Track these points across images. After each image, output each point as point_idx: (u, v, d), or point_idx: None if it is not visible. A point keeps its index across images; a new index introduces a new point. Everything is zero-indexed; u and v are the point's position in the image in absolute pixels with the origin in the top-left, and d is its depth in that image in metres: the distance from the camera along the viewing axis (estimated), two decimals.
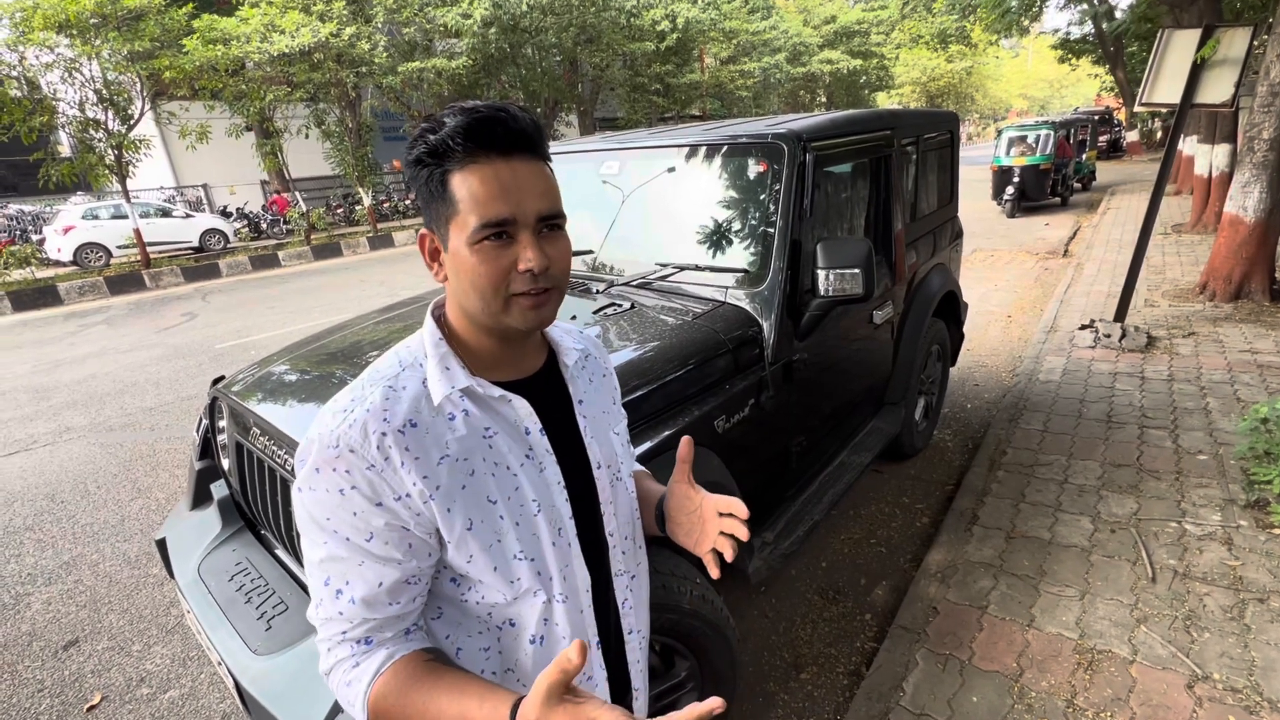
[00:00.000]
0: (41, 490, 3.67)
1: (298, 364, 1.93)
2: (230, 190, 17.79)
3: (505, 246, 0.68)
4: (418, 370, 0.73)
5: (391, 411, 0.69)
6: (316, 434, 0.69)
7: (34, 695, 2.21)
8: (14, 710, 2.15)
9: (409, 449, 0.68)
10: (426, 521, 0.70)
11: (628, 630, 0.90)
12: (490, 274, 0.68)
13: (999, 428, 3.39)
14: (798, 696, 1.99)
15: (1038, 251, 8.27)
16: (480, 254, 0.67)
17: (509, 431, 0.75)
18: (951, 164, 3.43)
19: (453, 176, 0.67)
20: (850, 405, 2.60)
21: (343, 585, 0.69)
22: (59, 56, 9.61)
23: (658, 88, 18.05)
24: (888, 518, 2.85)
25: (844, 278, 1.89)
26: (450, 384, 0.72)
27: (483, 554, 0.73)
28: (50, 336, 7.67)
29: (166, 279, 10.97)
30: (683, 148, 2.25)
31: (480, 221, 0.66)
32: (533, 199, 0.68)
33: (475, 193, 0.66)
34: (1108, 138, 21.01)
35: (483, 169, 0.66)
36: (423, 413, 0.71)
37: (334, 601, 0.70)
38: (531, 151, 0.70)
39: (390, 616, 0.71)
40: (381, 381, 0.72)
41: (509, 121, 0.67)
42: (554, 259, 0.70)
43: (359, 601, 0.69)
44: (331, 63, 11.74)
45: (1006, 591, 2.19)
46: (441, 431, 0.71)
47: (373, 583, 0.69)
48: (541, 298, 0.70)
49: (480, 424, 0.74)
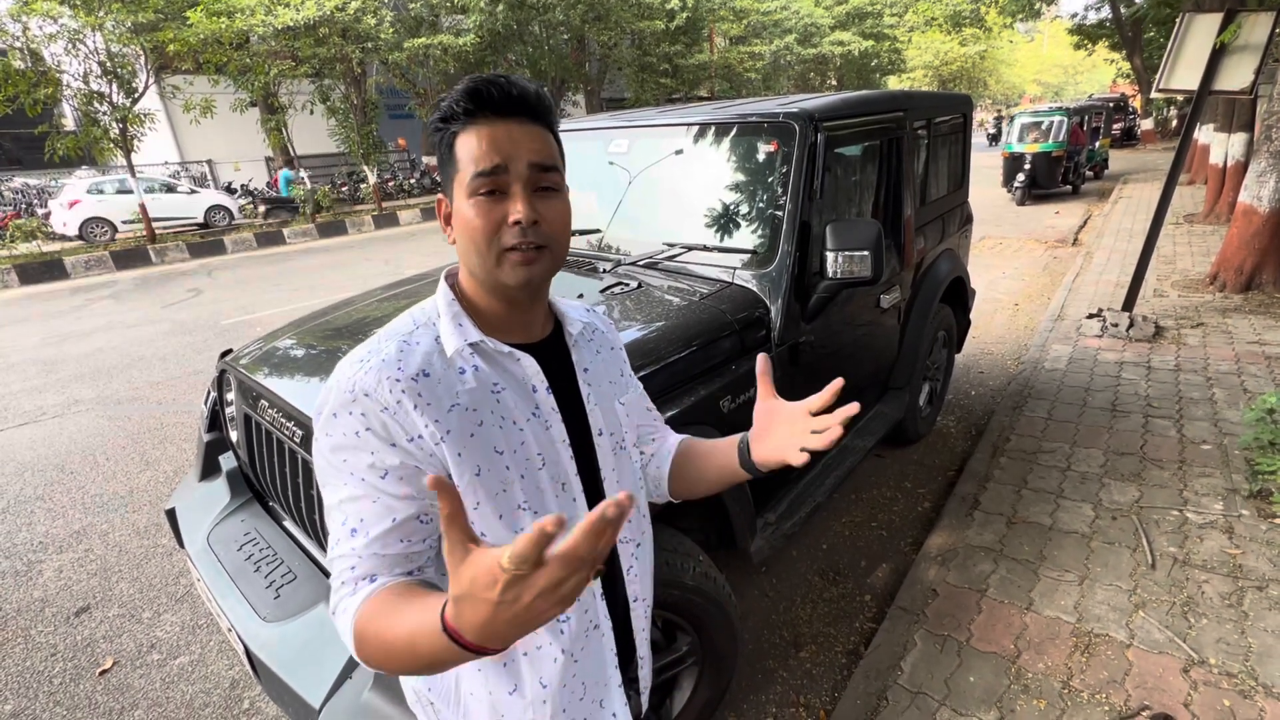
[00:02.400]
0: (51, 461, 3.71)
1: (304, 338, 1.94)
2: (235, 166, 17.70)
3: (498, 200, 0.71)
4: (431, 328, 0.76)
5: (405, 362, 0.71)
6: (334, 382, 0.72)
7: (47, 659, 2.26)
8: (28, 673, 2.20)
9: (421, 395, 0.71)
10: (439, 462, 0.72)
11: (633, 598, 0.91)
12: (484, 227, 0.70)
13: (1003, 415, 3.39)
14: (796, 674, 2.01)
15: (1047, 240, 8.20)
16: (476, 207, 0.70)
17: (516, 388, 0.77)
18: (963, 148, 3.38)
19: (458, 138, 0.71)
20: (855, 389, 2.59)
21: (357, 524, 0.70)
22: (62, 28, 9.52)
23: (666, 68, 17.81)
24: (889, 501, 2.87)
25: (853, 260, 1.88)
26: (463, 338, 0.74)
27: (489, 501, 0.74)
28: (57, 310, 7.70)
29: (172, 254, 10.97)
30: (692, 126, 2.22)
31: (474, 171, 0.69)
32: (525, 151, 0.71)
33: (472, 148, 0.70)
34: (1122, 125, 20.67)
35: (480, 128, 0.70)
36: (435, 365, 0.73)
37: (349, 539, 0.71)
38: (531, 116, 0.72)
39: (399, 554, 0.71)
40: (396, 337, 0.74)
41: (506, 86, 0.71)
42: (546, 217, 0.72)
43: (372, 537, 0.70)
44: (337, 37, 11.60)
45: (1006, 575, 2.21)
46: (452, 382, 0.73)
47: (386, 518, 0.70)
48: (531, 254, 0.72)
49: (489, 379, 0.76)
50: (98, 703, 2.06)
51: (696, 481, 0.98)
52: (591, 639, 0.84)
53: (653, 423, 1.02)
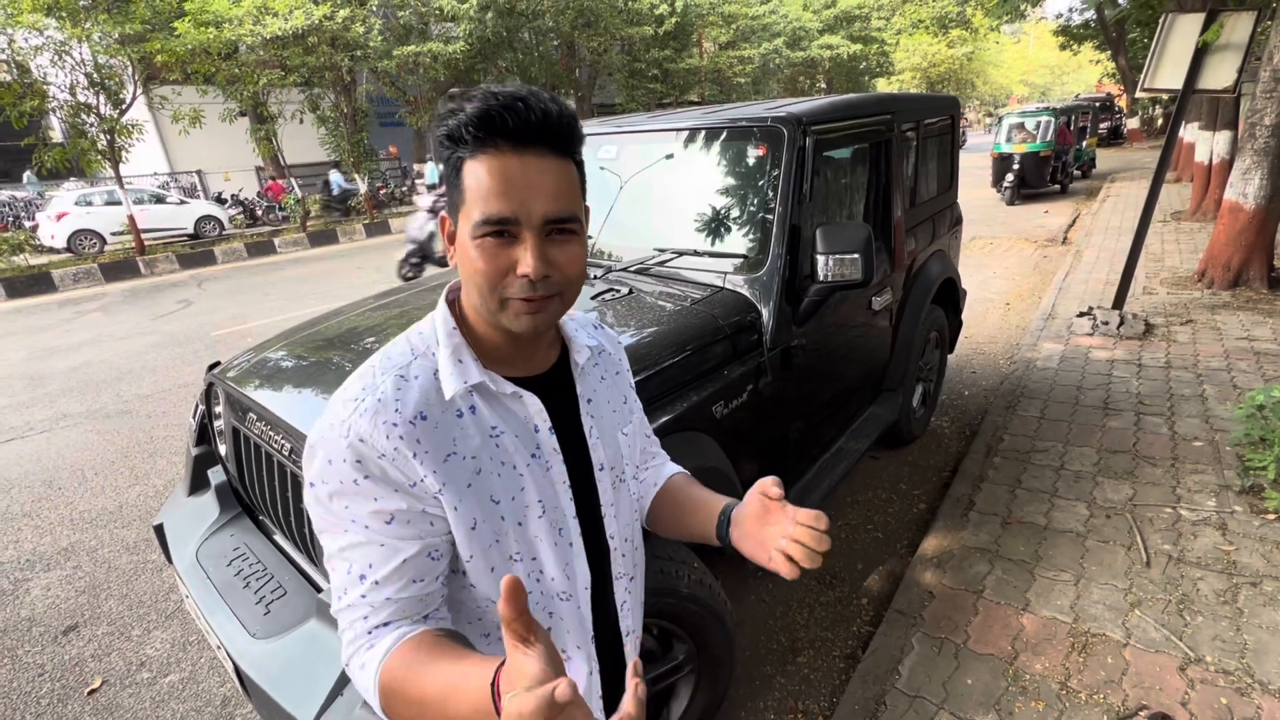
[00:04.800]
0: (39, 477, 3.66)
1: (294, 350, 1.92)
2: (225, 176, 17.61)
3: (506, 246, 0.64)
4: (429, 359, 0.71)
5: (403, 402, 0.67)
6: (327, 425, 0.68)
7: (35, 679, 2.22)
8: (15, 694, 2.16)
9: (420, 441, 0.67)
10: (439, 511, 0.70)
11: (625, 631, 0.90)
12: (488, 272, 0.65)
13: (996, 414, 3.40)
14: (794, 679, 2.00)
15: (1037, 239, 8.25)
16: (480, 249, 0.64)
17: (517, 429, 0.74)
18: (952, 149, 3.40)
19: (464, 165, 0.64)
20: (848, 391, 2.60)
21: (365, 569, 0.67)
22: (48, 39, 9.46)
23: (656, 73, 17.88)
24: (884, 504, 2.87)
25: (843, 263, 1.88)
26: (462, 379, 0.70)
27: (481, 555, 0.72)
28: (45, 324, 7.62)
29: (162, 266, 10.89)
30: (681, 131, 2.22)
31: (481, 217, 0.63)
32: (541, 199, 0.64)
33: (480, 185, 0.63)
34: (1108, 125, 20.90)
35: (491, 161, 0.63)
36: (432, 405, 0.69)
37: (357, 585, 0.68)
38: (551, 146, 0.65)
39: (413, 597, 0.69)
40: (393, 370, 0.70)
41: (524, 112, 0.62)
42: (558, 265, 0.66)
43: (383, 581, 0.67)
44: (326, 46, 11.58)
45: (1002, 576, 2.20)
46: (449, 427, 0.70)
47: (395, 560, 0.67)
48: (538, 304, 0.66)
49: (487, 423, 0.72)
50: None
51: (671, 526, 0.94)
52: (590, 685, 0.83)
53: (650, 448, 0.99)
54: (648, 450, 0.99)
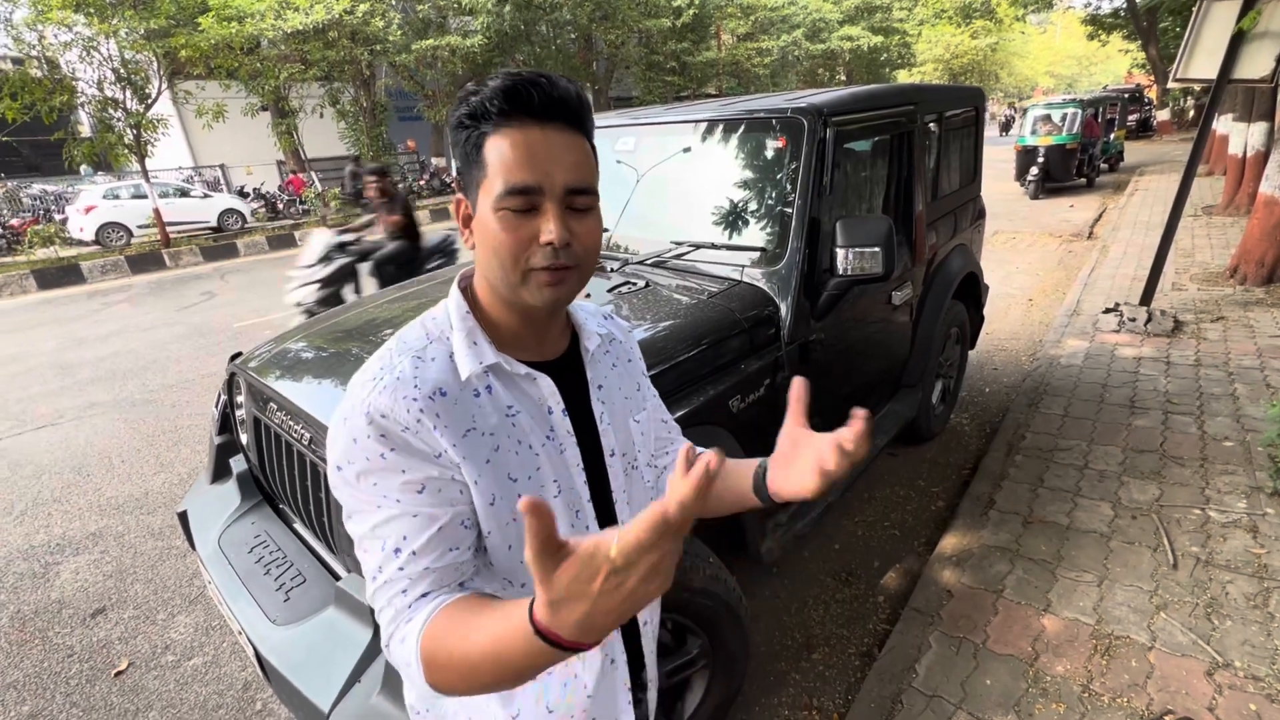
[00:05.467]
0: (68, 463, 3.76)
1: (313, 340, 1.94)
2: (247, 170, 17.85)
3: (529, 217, 0.66)
4: (444, 344, 0.72)
5: (421, 378, 0.68)
6: (348, 405, 0.68)
7: (64, 660, 2.28)
8: (46, 674, 2.22)
9: (440, 415, 0.67)
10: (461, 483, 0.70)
11: (642, 622, 0.89)
12: (510, 243, 0.66)
13: (1018, 412, 3.34)
14: (809, 676, 1.99)
15: (1061, 234, 8.08)
16: (503, 221, 0.66)
17: (531, 410, 0.74)
18: (975, 142, 3.33)
19: (487, 140, 0.66)
20: (867, 387, 2.56)
21: (400, 541, 0.66)
22: (76, 35, 9.64)
23: (673, 66, 17.77)
24: (902, 501, 2.83)
25: (863, 256, 1.85)
26: (478, 359, 0.71)
27: (499, 531, 0.72)
28: (74, 314, 7.80)
29: (186, 258, 11.09)
30: (700, 123, 2.20)
31: (505, 187, 0.64)
32: (562, 169, 0.66)
33: (504, 156, 0.64)
34: (1137, 116, 20.36)
35: (515, 133, 0.65)
36: (450, 384, 0.70)
37: (393, 560, 0.66)
38: (570, 122, 0.67)
39: (450, 565, 0.68)
40: (409, 351, 0.71)
41: (548, 87, 0.65)
42: (578, 236, 0.68)
43: (420, 551, 0.66)
44: (346, 41, 11.68)
45: (1023, 576, 2.17)
46: (468, 404, 0.70)
47: (430, 527, 0.67)
48: (559, 274, 0.67)
49: (503, 402, 0.73)
50: (113, 704, 2.08)
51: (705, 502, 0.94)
52: (607, 674, 0.82)
53: (667, 434, 0.99)
54: (664, 438, 0.98)
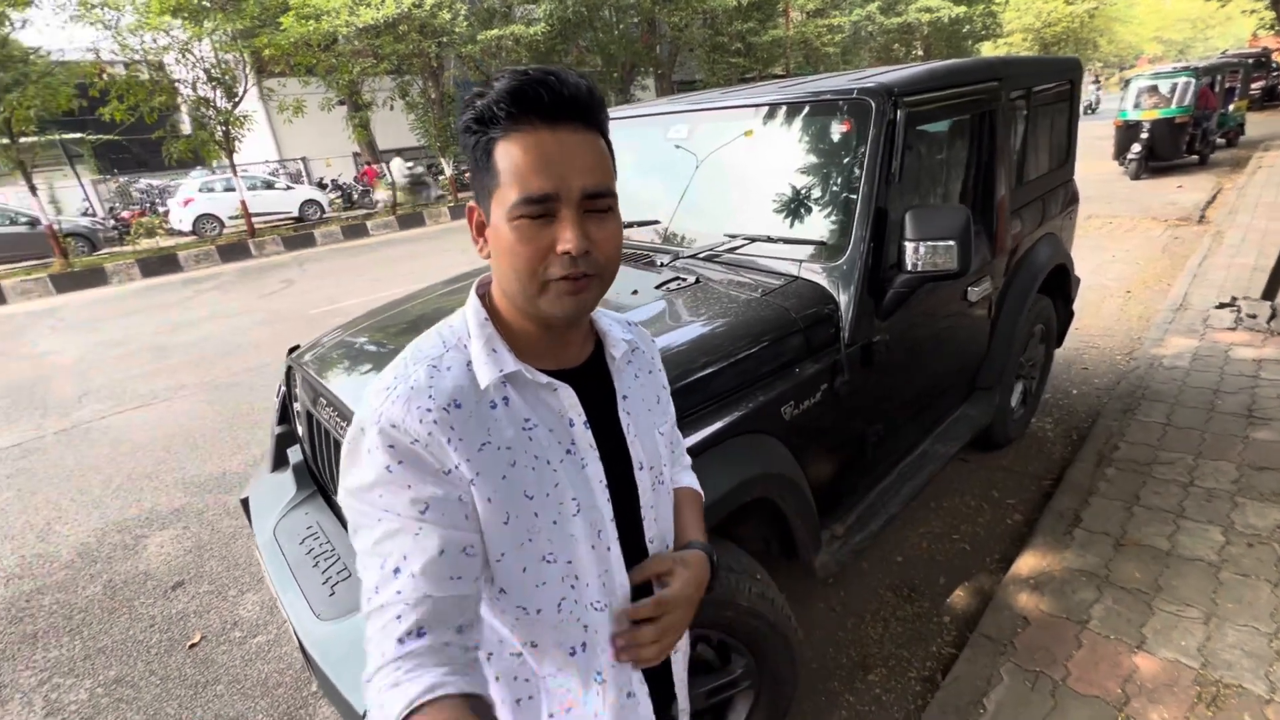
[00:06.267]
0: (159, 442, 4.05)
1: (364, 335, 1.96)
2: (326, 163, 18.76)
3: (545, 225, 0.62)
4: (461, 351, 0.69)
5: (436, 389, 0.65)
6: (362, 415, 0.66)
7: (147, 630, 2.45)
8: (131, 642, 2.39)
9: (454, 428, 0.64)
10: (470, 503, 0.66)
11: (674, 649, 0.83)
12: (527, 254, 0.62)
13: (1110, 418, 3.03)
14: (864, 699, 1.87)
15: (1166, 217, 7.32)
16: (518, 231, 0.62)
17: (551, 423, 0.70)
18: (1069, 119, 3.02)
19: (497, 145, 0.62)
20: (936, 391, 2.37)
21: (401, 561, 0.63)
22: (173, 39, 10.34)
23: (738, 47, 17.25)
24: (974, 512, 2.63)
25: (936, 251, 1.69)
26: (498, 368, 0.67)
27: (513, 553, 0.68)
28: (170, 301, 8.44)
29: (269, 248, 11.78)
30: (758, 107, 2.07)
31: (519, 196, 0.61)
32: (578, 173, 0.62)
33: (517, 163, 0.61)
34: (1263, 84, 18.17)
35: (526, 137, 0.61)
36: (467, 395, 0.67)
37: (391, 581, 0.62)
38: (583, 120, 0.63)
39: (449, 596, 0.63)
40: (425, 360, 0.68)
41: (557, 86, 0.61)
42: (598, 242, 0.64)
43: (419, 574, 0.62)
44: (415, 34, 11.99)
45: (1112, 606, 1.95)
46: (484, 417, 0.67)
47: (433, 550, 0.63)
48: (580, 283, 0.64)
49: (520, 414, 0.68)
50: (186, 675, 2.21)
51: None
52: (627, 708, 0.77)
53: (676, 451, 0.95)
54: (676, 452, 0.95)
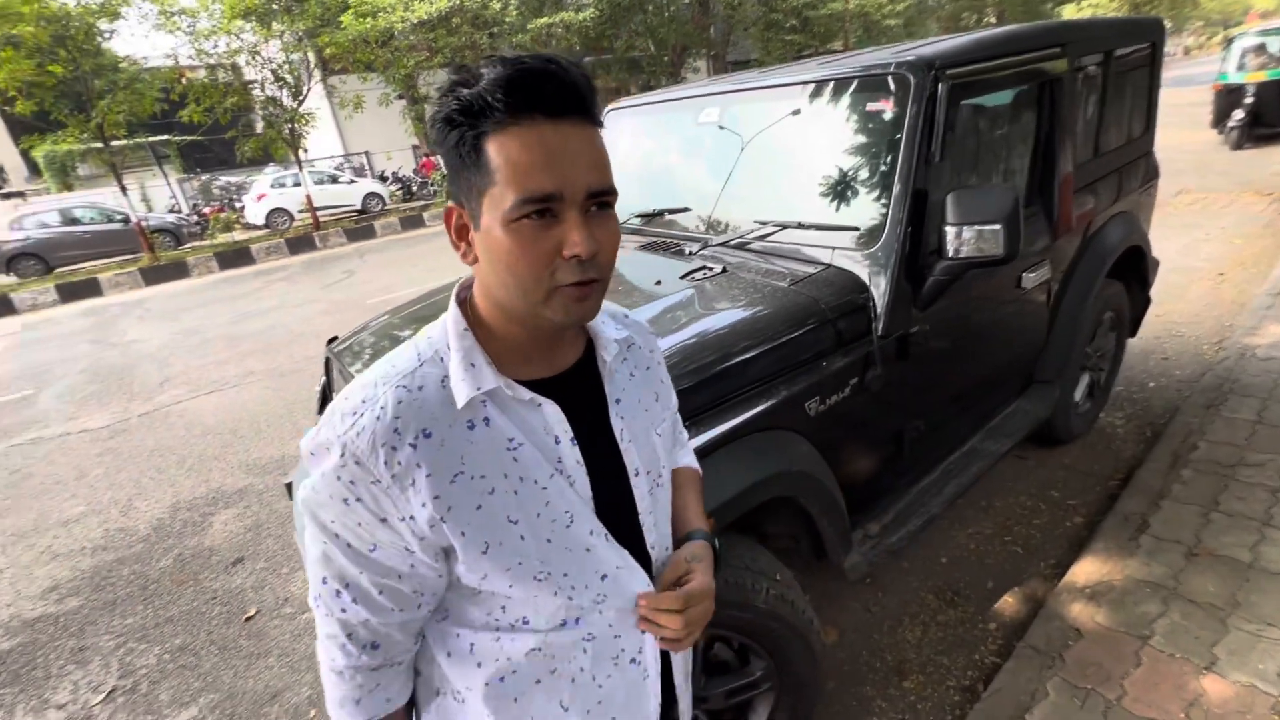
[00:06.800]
0: (227, 425, 4.31)
1: (400, 326, 2.00)
2: (387, 156, 19.42)
3: (548, 227, 0.57)
4: (438, 365, 0.65)
5: (404, 420, 0.61)
6: (324, 437, 0.63)
7: (209, 602, 2.62)
8: (195, 614, 2.56)
9: (420, 465, 0.61)
10: (431, 545, 0.65)
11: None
12: (531, 260, 0.57)
13: (1190, 414, 2.77)
14: (898, 705, 1.79)
15: (1271, 191, 6.62)
16: (518, 235, 0.57)
17: (536, 441, 0.67)
18: (1149, 86, 2.74)
19: (489, 140, 0.56)
20: (986, 385, 2.23)
21: (341, 587, 0.67)
22: (243, 42, 10.90)
23: (794, 23, 16.66)
24: (1029, 513, 2.46)
25: (981, 235, 1.56)
26: (475, 385, 0.63)
27: (500, 575, 0.67)
28: (244, 291, 8.96)
29: (333, 240, 12.32)
30: (790, 87, 1.97)
31: (521, 196, 0.56)
32: (583, 171, 0.57)
33: (516, 161, 0.55)
34: None
35: (526, 133, 0.56)
36: (438, 420, 0.62)
37: (334, 600, 0.67)
38: (584, 114, 0.58)
39: (395, 623, 0.68)
40: (394, 380, 0.63)
41: (560, 75, 0.56)
42: (603, 244, 0.60)
43: (360, 605, 0.67)
44: (467, 26, 12.18)
45: (1179, 622, 1.78)
46: (458, 444, 0.63)
47: (372, 591, 0.66)
48: (587, 289, 0.60)
49: (503, 434, 0.65)
50: (242, 646, 2.35)
51: None
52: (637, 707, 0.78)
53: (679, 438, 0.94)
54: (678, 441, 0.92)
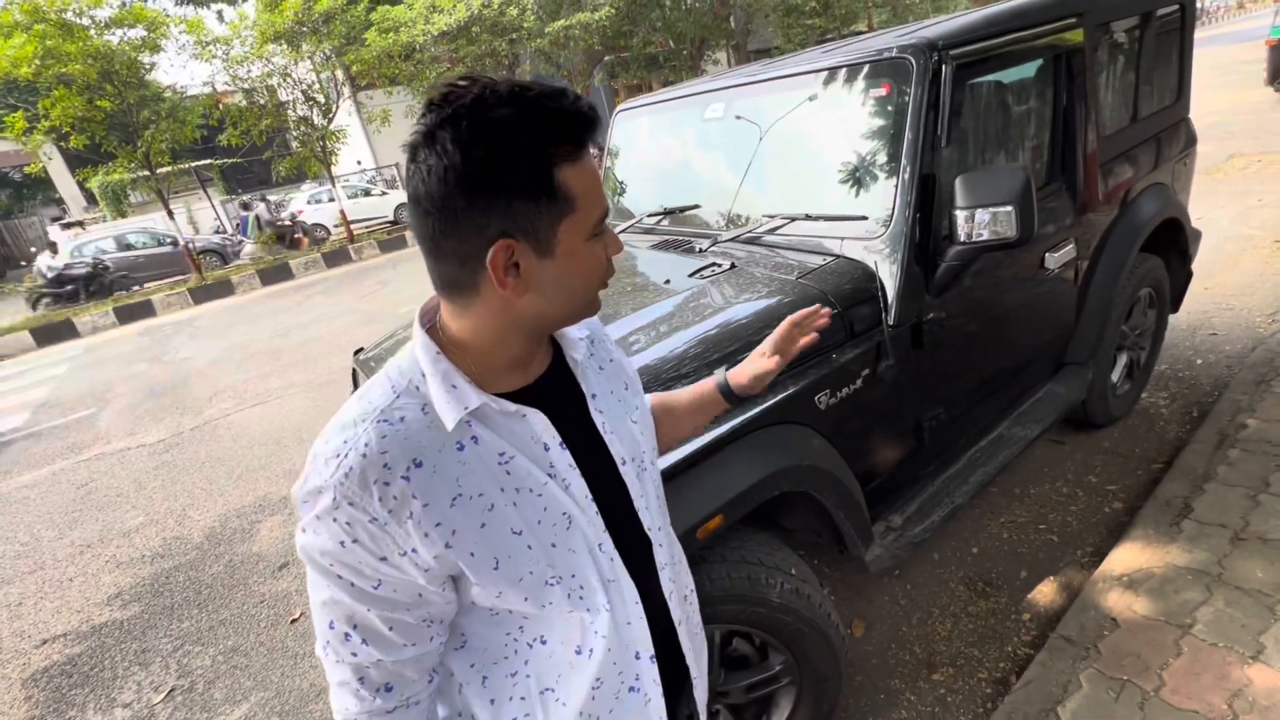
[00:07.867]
0: (271, 436, 4.50)
1: None
2: None
3: (601, 237, 0.68)
4: (414, 394, 0.65)
5: (392, 454, 0.61)
6: (313, 484, 0.62)
7: (258, 605, 2.74)
8: (245, 616, 2.69)
9: (416, 496, 0.62)
10: (437, 575, 0.66)
11: (677, 621, 0.85)
12: (602, 267, 0.68)
13: (1239, 391, 2.63)
14: (927, 699, 1.77)
15: None
16: (593, 250, 0.67)
17: (527, 451, 0.69)
18: (1181, 50, 2.61)
19: (562, 172, 0.60)
20: (1012, 368, 2.17)
21: (350, 629, 0.66)
22: (274, 65, 11.28)
23: (814, 6, 16.34)
24: (1065, 500, 2.39)
25: (995, 218, 1.53)
26: (462, 405, 0.64)
27: (512, 588, 0.69)
28: (284, 306, 9.29)
29: (367, 252, 12.66)
30: (790, 78, 1.95)
31: (601, 214, 0.66)
32: None
33: (587, 185, 0.63)
34: None
35: (587, 160, 0.64)
36: (427, 448, 0.63)
37: (343, 644, 0.67)
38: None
39: (408, 659, 0.68)
40: (373, 416, 0.63)
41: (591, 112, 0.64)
42: None
43: (371, 644, 0.67)
44: (486, 34, 12.34)
45: (1224, 610, 1.71)
46: (450, 468, 0.64)
47: (382, 628, 0.66)
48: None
49: (493, 449, 0.67)
50: (288, 647, 2.46)
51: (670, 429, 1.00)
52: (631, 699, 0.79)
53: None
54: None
